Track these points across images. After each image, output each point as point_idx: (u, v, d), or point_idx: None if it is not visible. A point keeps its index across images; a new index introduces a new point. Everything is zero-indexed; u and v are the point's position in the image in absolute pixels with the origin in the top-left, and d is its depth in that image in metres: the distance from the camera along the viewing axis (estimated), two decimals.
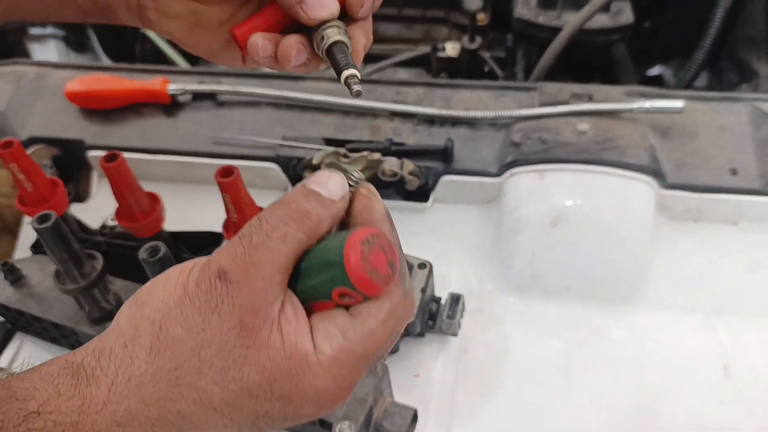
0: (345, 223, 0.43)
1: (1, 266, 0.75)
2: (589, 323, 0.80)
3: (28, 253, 0.88)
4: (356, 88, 0.45)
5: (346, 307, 0.40)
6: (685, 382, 0.75)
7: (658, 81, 1.62)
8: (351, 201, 0.43)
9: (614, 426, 0.72)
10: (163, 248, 0.55)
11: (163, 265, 0.56)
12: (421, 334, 0.76)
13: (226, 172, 0.64)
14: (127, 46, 1.40)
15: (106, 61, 1.57)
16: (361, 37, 0.50)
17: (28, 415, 0.38)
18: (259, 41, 0.48)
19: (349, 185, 0.43)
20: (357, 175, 0.43)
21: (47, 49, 1.51)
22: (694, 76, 1.19)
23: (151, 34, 1.33)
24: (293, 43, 0.48)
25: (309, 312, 0.41)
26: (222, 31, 0.54)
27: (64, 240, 0.62)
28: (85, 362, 0.40)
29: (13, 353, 0.81)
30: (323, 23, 0.47)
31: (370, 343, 0.41)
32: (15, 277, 0.76)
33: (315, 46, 0.48)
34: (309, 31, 0.48)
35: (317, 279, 0.40)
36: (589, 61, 1.39)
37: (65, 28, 1.65)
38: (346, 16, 0.49)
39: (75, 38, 1.69)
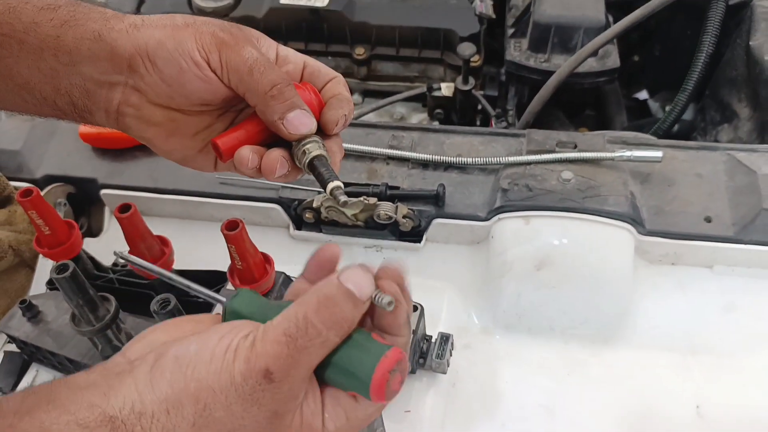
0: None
1: (19, 304, 0.80)
2: (572, 361, 0.84)
3: (43, 285, 0.92)
4: (342, 198, 0.51)
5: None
6: (659, 419, 0.78)
7: (645, 106, 1.67)
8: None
9: None
10: (173, 300, 0.59)
11: (172, 315, 0.60)
12: (412, 372, 0.80)
13: (232, 225, 0.68)
14: None
15: None
16: (337, 151, 0.56)
17: None
18: (248, 154, 0.54)
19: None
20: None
21: None
22: (678, 116, 1.24)
23: None
24: (276, 156, 0.53)
25: (320, 386, 0.46)
26: (197, 140, 0.58)
27: (80, 288, 0.66)
28: (125, 419, 0.43)
29: (30, 382, 0.85)
30: (303, 138, 0.53)
31: (365, 422, 0.49)
32: (32, 313, 0.80)
33: (296, 158, 0.53)
34: (288, 144, 0.53)
35: (341, 380, 0.46)
36: (580, 97, 1.44)
37: None
38: (321, 130, 0.55)
39: None
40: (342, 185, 0.52)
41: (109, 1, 1.33)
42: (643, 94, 1.68)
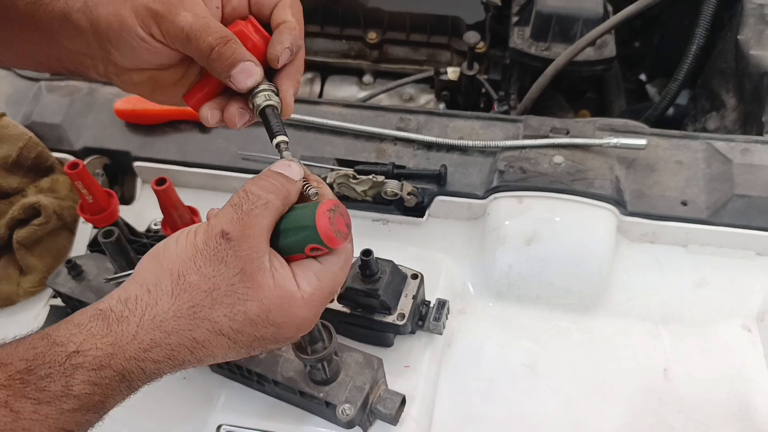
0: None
1: (65, 263, 0.88)
2: (555, 327, 0.91)
3: (82, 247, 1.00)
4: (286, 154, 0.56)
5: (316, 258, 0.54)
6: (631, 379, 0.86)
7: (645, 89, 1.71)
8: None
9: (568, 414, 0.83)
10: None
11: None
12: (412, 332, 0.87)
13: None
14: None
15: None
16: (288, 87, 0.60)
17: (69, 354, 0.49)
18: (208, 113, 0.60)
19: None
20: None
21: None
22: (669, 104, 1.29)
23: None
24: (235, 110, 0.60)
25: (287, 261, 0.53)
26: (179, 87, 0.63)
27: (123, 250, 0.74)
28: (113, 307, 0.51)
29: None
30: (253, 89, 0.57)
31: (335, 282, 0.55)
32: (76, 272, 0.88)
33: (251, 104, 0.58)
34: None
35: (294, 238, 0.53)
36: (580, 83, 1.49)
37: None
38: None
39: None
40: (287, 140, 0.57)
41: None
42: (643, 77, 1.73)
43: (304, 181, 0.55)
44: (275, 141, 0.57)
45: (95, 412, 0.50)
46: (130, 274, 0.55)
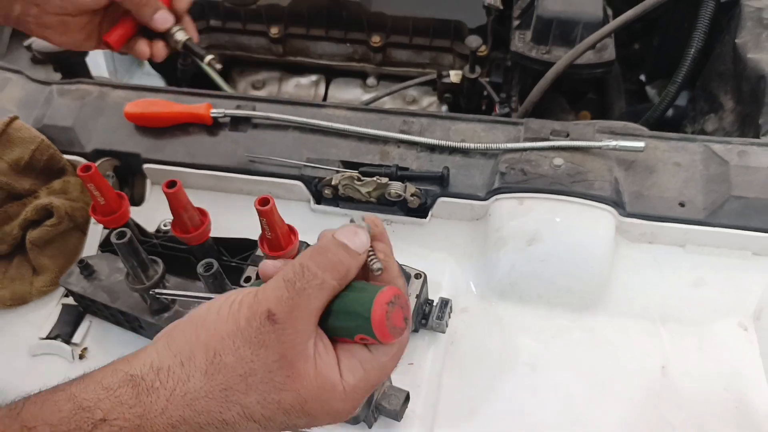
0: (364, 273, 0.51)
1: (78, 263, 0.90)
2: (555, 325, 0.93)
3: (95, 247, 1.02)
4: (218, 66, 0.84)
5: (366, 345, 0.49)
6: (630, 377, 0.87)
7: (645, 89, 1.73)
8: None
9: (569, 410, 0.85)
10: (215, 264, 0.69)
11: (215, 277, 0.70)
12: (415, 330, 0.89)
13: (264, 201, 0.76)
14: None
15: (146, 63, 1.70)
16: (191, 27, 0.88)
17: (96, 423, 0.46)
18: (145, 48, 0.87)
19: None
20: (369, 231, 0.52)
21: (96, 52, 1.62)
22: (667, 106, 1.30)
23: None
24: (146, 45, 0.86)
25: (333, 342, 0.49)
26: (83, 33, 0.82)
27: (135, 251, 0.76)
28: (145, 375, 0.48)
29: (85, 331, 0.96)
30: (169, 29, 0.84)
31: (381, 373, 0.51)
32: (89, 272, 0.90)
33: (170, 42, 0.86)
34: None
35: (345, 323, 0.48)
36: (581, 85, 1.51)
37: None
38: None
39: None
40: (214, 56, 0.85)
41: None
42: (643, 78, 1.74)
43: (370, 250, 0.51)
44: (206, 59, 0.85)
45: None
46: (177, 296, 0.55)
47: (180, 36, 0.86)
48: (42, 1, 0.74)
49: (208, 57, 0.86)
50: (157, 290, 0.75)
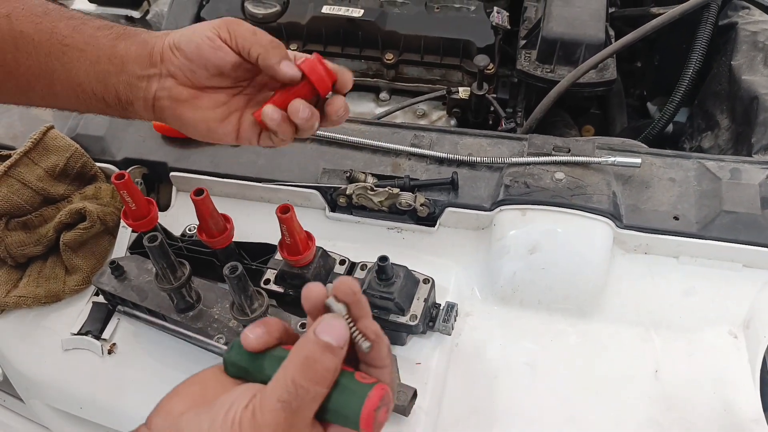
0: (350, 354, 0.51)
1: (109, 264, 0.95)
2: (554, 329, 0.96)
3: (123, 250, 1.07)
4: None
5: None
6: (623, 380, 0.90)
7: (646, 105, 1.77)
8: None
9: (565, 409, 0.89)
10: (240, 267, 0.74)
11: (239, 279, 0.75)
12: (423, 332, 0.93)
13: (284, 209, 0.81)
14: None
15: None
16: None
17: None
18: (302, 107, 0.69)
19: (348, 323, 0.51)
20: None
21: None
22: (666, 123, 1.34)
23: None
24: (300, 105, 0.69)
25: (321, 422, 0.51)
26: (217, 113, 0.72)
27: (165, 253, 0.81)
28: None
29: (114, 327, 1.01)
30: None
31: None
32: (119, 272, 0.95)
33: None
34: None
35: (335, 420, 0.50)
36: (584, 101, 1.55)
37: None
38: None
39: None
40: None
41: (175, 2, 1.47)
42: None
43: (352, 327, 0.50)
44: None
45: None
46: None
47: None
48: (173, 69, 0.70)
49: None
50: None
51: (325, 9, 1.39)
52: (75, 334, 1.00)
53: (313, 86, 0.69)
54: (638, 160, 0.99)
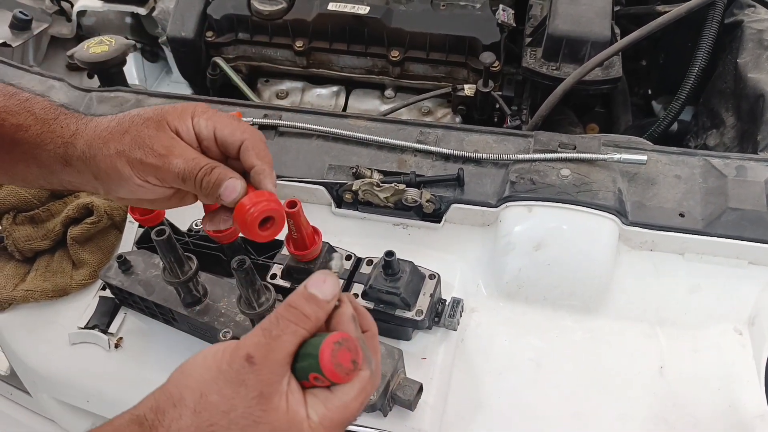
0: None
1: (116, 258, 0.95)
2: (559, 326, 0.96)
3: (129, 244, 1.08)
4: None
5: (329, 387, 0.56)
6: (628, 375, 0.91)
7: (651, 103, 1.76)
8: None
9: (570, 405, 0.89)
10: (248, 261, 0.74)
11: (247, 273, 0.75)
12: (428, 327, 0.93)
13: (292, 204, 0.81)
14: (198, 66, 1.58)
15: (175, 71, 1.76)
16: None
17: None
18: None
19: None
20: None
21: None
22: (671, 122, 1.34)
23: (221, 63, 1.50)
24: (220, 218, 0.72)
25: (303, 387, 0.56)
26: (171, 202, 0.74)
27: (172, 248, 0.81)
28: (147, 416, 0.55)
29: (120, 321, 1.01)
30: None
31: (345, 413, 0.56)
32: (126, 266, 0.95)
33: None
34: None
35: (303, 364, 0.55)
36: (589, 99, 1.54)
37: (143, 40, 1.84)
38: None
39: (150, 49, 1.88)
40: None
41: (180, 2, 1.47)
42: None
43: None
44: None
45: None
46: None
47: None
48: (114, 194, 0.72)
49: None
50: None
51: (331, 6, 1.39)
52: (82, 328, 1.01)
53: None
54: (644, 158, 0.99)
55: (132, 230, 1.09)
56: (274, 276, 0.93)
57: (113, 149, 0.68)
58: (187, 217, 1.08)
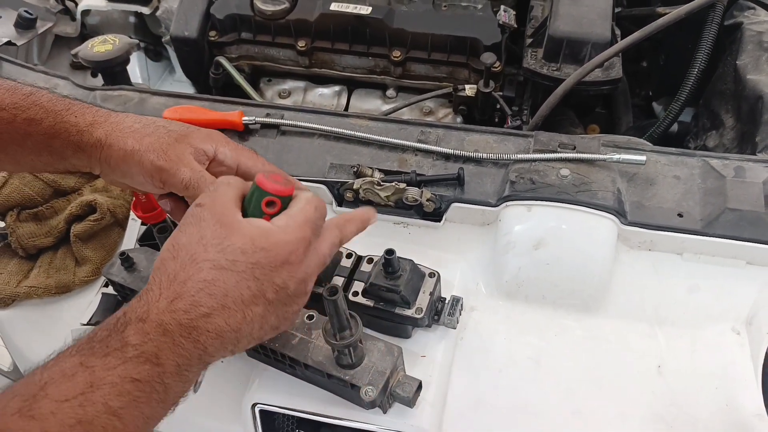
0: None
1: (119, 255, 0.95)
2: (559, 325, 0.96)
3: (132, 242, 1.08)
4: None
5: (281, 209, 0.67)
6: (627, 374, 0.91)
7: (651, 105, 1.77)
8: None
9: (569, 403, 0.89)
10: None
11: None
12: (428, 326, 0.93)
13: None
14: (201, 66, 1.58)
15: (178, 71, 1.76)
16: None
17: (118, 318, 0.60)
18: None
19: None
20: None
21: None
22: (671, 123, 1.34)
23: (224, 62, 1.50)
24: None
25: None
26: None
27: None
28: (148, 289, 0.62)
29: None
30: None
31: (305, 213, 0.66)
32: (129, 263, 0.95)
33: None
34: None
35: (251, 200, 0.66)
36: (589, 100, 1.55)
37: (146, 40, 1.85)
38: None
39: (153, 48, 1.89)
40: None
41: (183, 1, 1.48)
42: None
43: None
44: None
45: (154, 363, 0.58)
46: None
47: None
48: (115, 178, 0.79)
49: None
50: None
51: (334, 6, 1.40)
52: (85, 325, 1.01)
53: None
54: (643, 158, 1.00)
55: (135, 227, 1.09)
56: None
57: (130, 145, 0.74)
58: None
